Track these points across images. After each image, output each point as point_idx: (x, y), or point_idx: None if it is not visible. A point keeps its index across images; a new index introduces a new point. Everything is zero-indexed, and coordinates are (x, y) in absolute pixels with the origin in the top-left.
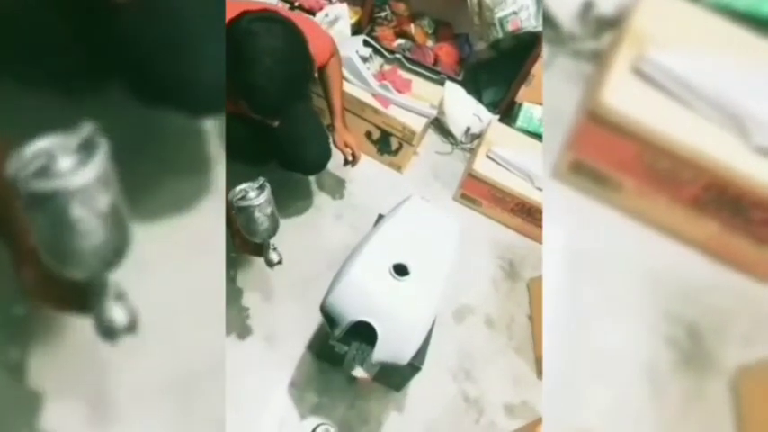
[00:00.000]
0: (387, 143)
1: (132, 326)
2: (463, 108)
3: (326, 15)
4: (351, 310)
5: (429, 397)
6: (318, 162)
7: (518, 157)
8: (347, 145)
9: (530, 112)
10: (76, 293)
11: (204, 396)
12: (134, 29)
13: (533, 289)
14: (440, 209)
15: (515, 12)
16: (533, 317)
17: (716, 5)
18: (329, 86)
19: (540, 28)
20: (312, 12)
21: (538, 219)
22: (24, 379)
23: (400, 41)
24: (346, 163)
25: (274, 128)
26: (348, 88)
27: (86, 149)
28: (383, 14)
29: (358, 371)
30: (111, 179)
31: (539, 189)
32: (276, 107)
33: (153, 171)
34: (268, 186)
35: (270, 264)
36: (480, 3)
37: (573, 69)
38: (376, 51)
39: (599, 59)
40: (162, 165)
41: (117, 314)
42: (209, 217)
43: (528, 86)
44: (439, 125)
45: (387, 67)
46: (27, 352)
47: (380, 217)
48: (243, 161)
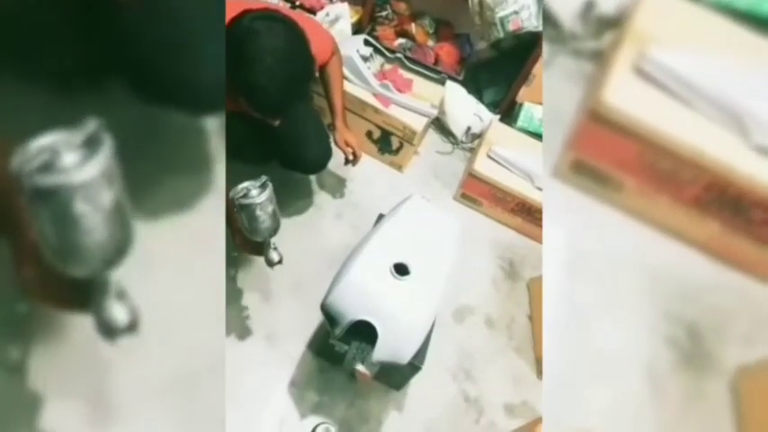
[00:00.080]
0: (387, 142)
1: (133, 325)
2: (464, 108)
3: (327, 14)
4: (351, 310)
5: (429, 397)
6: (319, 161)
7: (519, 157)
8: (348, 144)
9: (530, 112)
10: (77, 292)
11: (204, 395)
12: (134, 28)
13: (533, 289)
14: (440, 208)
15: (516, 11)
16: (533, 317)
17: (717, 5)
18: (330, 85)
19: (541, 28)
20: (313, 11)
21: (538, 219)
22: (24, 378)
23: (401, 41)
24: (347, 162)
25: (275, 127)
26: (349, 87)
27: (91, 145)
28: (384, 14)
29: (359, 367)
30: (114, 176)
31: (539, 189)
32: (277, 106)
33: (153, 170)
34: (270, 185)
35: (270, 263)
36: (481, 2)
37: (573, 68)
38: (377, 51)
39: (600, 59)
40: (162, 163)
41: (118, 313)
42: (209, 216)
43: (529, 86)
44: (439, 125)
45: (387, 67)
46: (27, 351)
47: (381, 216)
48: (244, 160)
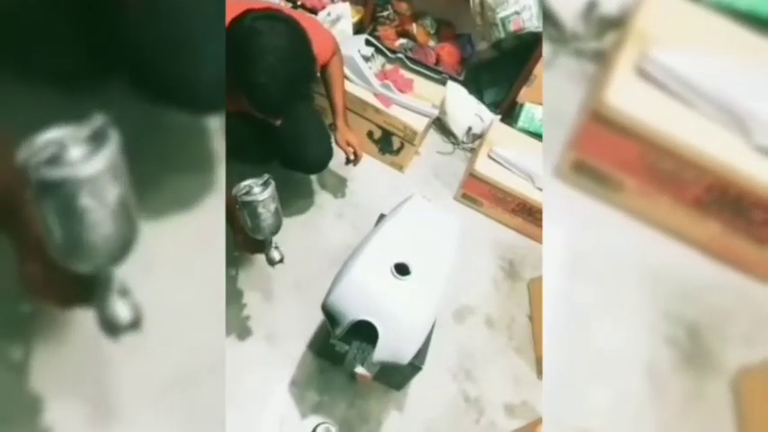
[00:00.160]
0: (388, 142)
1: (136, 322)
2: (465, 108)
3: (329, 14)
4: (352, 310)
5: (429, 397)
6: (320, 161)
7: (519, 158)
8: (349, 144)
9: (531, 113)
10: (81, 288)
11: (204, 395)
12: (135, 27)
13: (533, 289)
14: (441, 208)
15: (517, 12)
16: (533, 317)
17: (718, 5)
18: (331, 85)
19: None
20: (314, 11)
21: (539, 219)
22: (26, 378)
23: (402, 41)
24: (348, 162)
25: (276, 126)
26: (350, 87)
27: (97, 140)
28: (385, 14)
29: (359, 369)
30: (120, 171)
31: (540, 189)
32: (278, 105)
33: (154, 169)
34: (272, 183)
35: (271, 262)
36: (482, 3)
37: (575, 69)
38: (378, 51)
39: (601, 59)
40: (163, 163)
41: (121, 310)
42: (210, 215)
43: (529, 87)
44: (440, 125)
45: (388, 67)
46: (29, 351)
47: (382, 216)
48: (245, 160)
